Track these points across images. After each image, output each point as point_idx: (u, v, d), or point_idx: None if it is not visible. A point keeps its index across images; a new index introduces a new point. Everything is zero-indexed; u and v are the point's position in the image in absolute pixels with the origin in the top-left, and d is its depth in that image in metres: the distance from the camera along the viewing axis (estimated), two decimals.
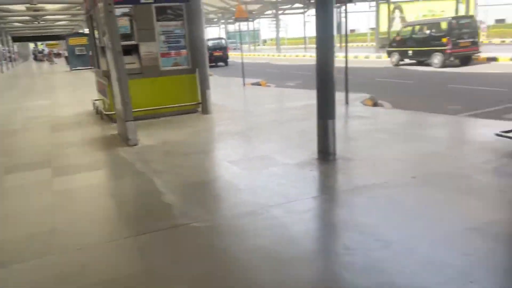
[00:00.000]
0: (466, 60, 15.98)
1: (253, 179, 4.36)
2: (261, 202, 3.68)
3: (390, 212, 3.42)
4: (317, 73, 4.74)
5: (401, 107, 8.32)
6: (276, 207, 3.57)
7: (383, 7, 31.85)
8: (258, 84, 13.89)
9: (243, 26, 45.68)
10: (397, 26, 39.75)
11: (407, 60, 17.63)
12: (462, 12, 20.83)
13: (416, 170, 4.29)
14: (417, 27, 17.58)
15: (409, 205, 3.49)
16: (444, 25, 16.24)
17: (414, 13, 37.03)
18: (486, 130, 5.37)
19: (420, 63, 16.80)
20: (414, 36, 17.16)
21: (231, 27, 52.38)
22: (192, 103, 8.37)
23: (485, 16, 36.20)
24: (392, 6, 36.04)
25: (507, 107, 6.77)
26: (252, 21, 43.39)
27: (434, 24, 16.97)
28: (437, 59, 15.79)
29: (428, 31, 16.80)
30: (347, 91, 8.48)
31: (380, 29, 30.91)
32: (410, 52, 17.03)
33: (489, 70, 13.46)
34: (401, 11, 40.67)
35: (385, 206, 3.57)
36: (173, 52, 8.19)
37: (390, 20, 37.54)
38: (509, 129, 4.74)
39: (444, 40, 15.44)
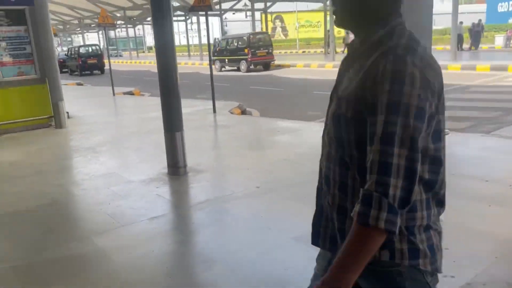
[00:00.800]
0: (267, 66, 19.38)
1: (87, 203, 3.93)
2: (88, 230, 3.31)
3: (224, 227, 3.31)
4: (160, 85, 4.50)
5: (267, 114, 8.49)
6: (103, 234, 3.22)
7: (262, 17, 32.95)
8: (131, 93, 13.22)
9: (123, 32, 43.79)
10: (278, 35, 41.74)
11: (227, 67, 20.30)
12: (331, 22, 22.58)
13: (262, 179, 4.28)
14: (229, 40, 20.53)
15: (245, 217, 3.42)
16: (245, 39, 19.41)
17: (293, 23, 39.18)
18: None
19: (238, 70, 19.35)
20: (228, 47, 20.17)
21: (113, 34, 49.81)
22: (44, 116, 7.55)
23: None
24: (271, 16, 37.62)
25: None
26: (133, 27, 41.64)
27: (240, 38, 20.06)
28: (243, 65, 18.95)
29: (236, 44, 19.72)
30: (213, 100, 8.42)
31: None
32: (226, 60, 20.08)
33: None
34: (281, 20, 42.76)
35: (222, 221, 3.47)
36: (16, 60, 7.30)
37: (272, 29, 39.16)
38: None
39: (246, 50, 18.62)
